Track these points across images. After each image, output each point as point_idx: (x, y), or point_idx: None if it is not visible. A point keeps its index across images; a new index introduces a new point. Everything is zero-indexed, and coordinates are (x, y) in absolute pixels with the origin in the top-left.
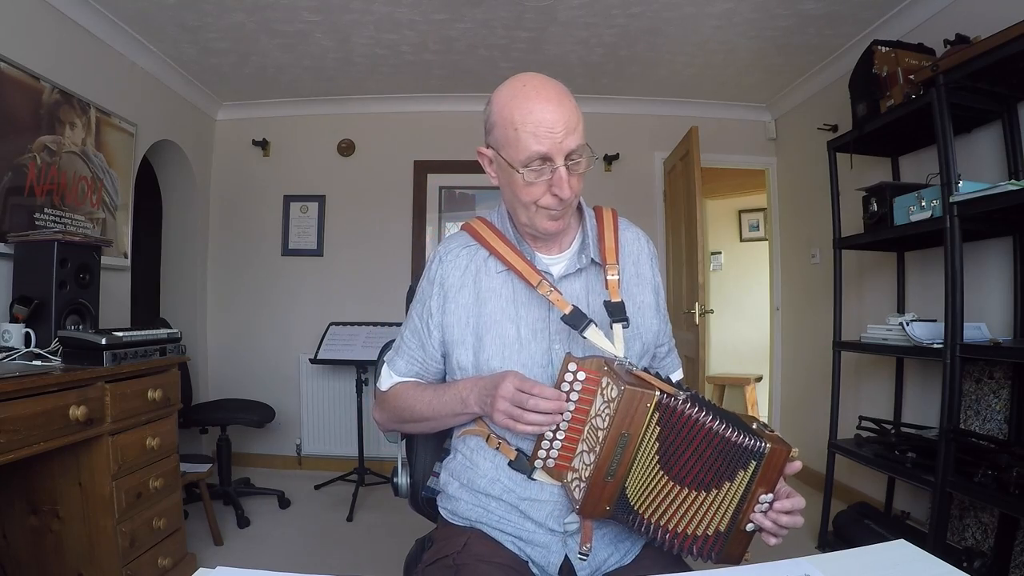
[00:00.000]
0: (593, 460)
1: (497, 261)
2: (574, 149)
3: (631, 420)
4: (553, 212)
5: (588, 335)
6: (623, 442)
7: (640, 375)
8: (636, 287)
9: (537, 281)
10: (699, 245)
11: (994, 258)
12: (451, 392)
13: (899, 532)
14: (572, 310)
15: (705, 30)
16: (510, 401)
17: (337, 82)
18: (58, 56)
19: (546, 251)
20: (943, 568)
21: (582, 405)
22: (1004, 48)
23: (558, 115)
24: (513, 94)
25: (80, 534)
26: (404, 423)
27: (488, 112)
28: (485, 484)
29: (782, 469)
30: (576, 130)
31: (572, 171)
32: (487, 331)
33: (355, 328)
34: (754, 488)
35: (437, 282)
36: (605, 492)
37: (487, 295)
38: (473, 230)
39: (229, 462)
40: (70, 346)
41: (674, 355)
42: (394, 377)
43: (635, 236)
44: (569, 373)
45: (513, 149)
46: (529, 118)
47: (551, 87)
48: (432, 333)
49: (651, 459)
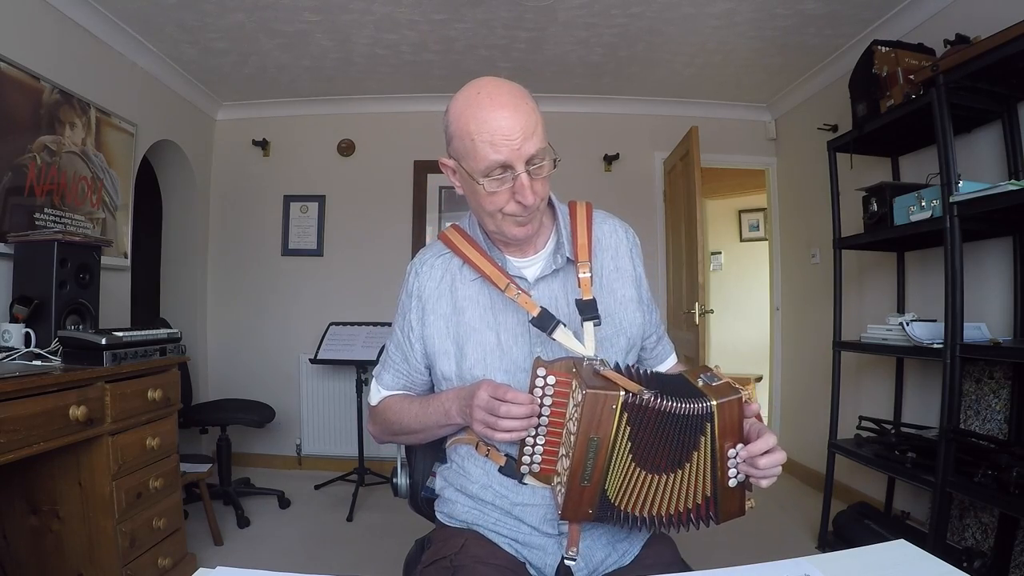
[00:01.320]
0: (569, 465)
1: (471, 268)
2: (534, 154)
3: (598, 423)
4: (519, 218)
5: (557, 336)
6: (593, 446)
7: (607, 375)
8: (616, 281)
9: (505, 285)
10: (699, 245)
11: (994, 258)
12: (435, 404)
13: (899, 532)
14: (540, 312)
15: (705, 30)
16: (485, 410)
17: (337, 82)
18: (58, 56)
19: (520, 254)
20: (943, 568)
21: (557, 408)
22: (1004, 48)
23: (514, 121)
24: (467, 103)
25: (80, 534)
26: (396, 435)
27: (446, 123)
28: (477, 490)
29: (739, 418)
30: (535, 134)
31: (534, 176)
32: (467, 340)
33: (355, 328)
34: (719, 447)
35: (415, 295)
36: (584, 496)
37: (464, 303)
38: (447, 239)
39: (229, 462)
40: (70, 346)
41: (665, 342)
42: (382, 391)
43: (612, 228)
44: (539, 378)
45: (472, 159)
46: (484, 127)
47: (505, 92)
48: (414, 346)
49: (626, 458)
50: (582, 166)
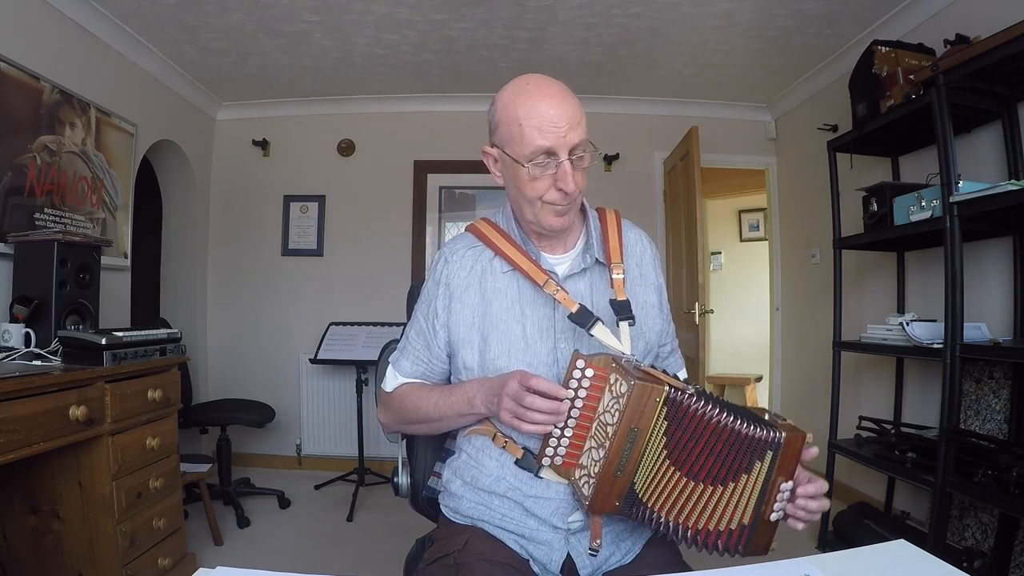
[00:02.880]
0: (603, 456)
1: (503, 261)
2: (577, 144)
3: (641, 414)
4: (558, 208)
5: (595, 332)
6: (632, 436)
7: (648, 371)
8: (640, 287)
9: (543, 280)
10: (699, 245)
11: (994, 258)
12: (458, 393)
13: (899, 532)
14: (579, 308)
15: (705, 30)
16: (515, 400)
17: (337, 82)
18: (58, 56)
19: (551, 251)
20: (943, 568)
21: (590, 402)
22: (1004, 48)
23: (561, 110)
24: (517, 91)
25: (80, 534)
26: (410, 424)
27: (492, 111)
28: (490, 483)
29: (799, 456)
30: (579, 126)
31: (576, 166)
32: (493, 331)
33: (355, 328)
34: (774, 477)
35: (443, 282)
36: (615, 487)
37: (492, 295)
38: (478, 231)
39: (229, 462)
40: (70, 346)
41: (677, 355)
42: (399, 378)
43: (638, 237)
44: (577, 370)
45: (518, 145)
46: (533, 113)
47: (554, 85)
48: (438, 333)
49: (659, 452)
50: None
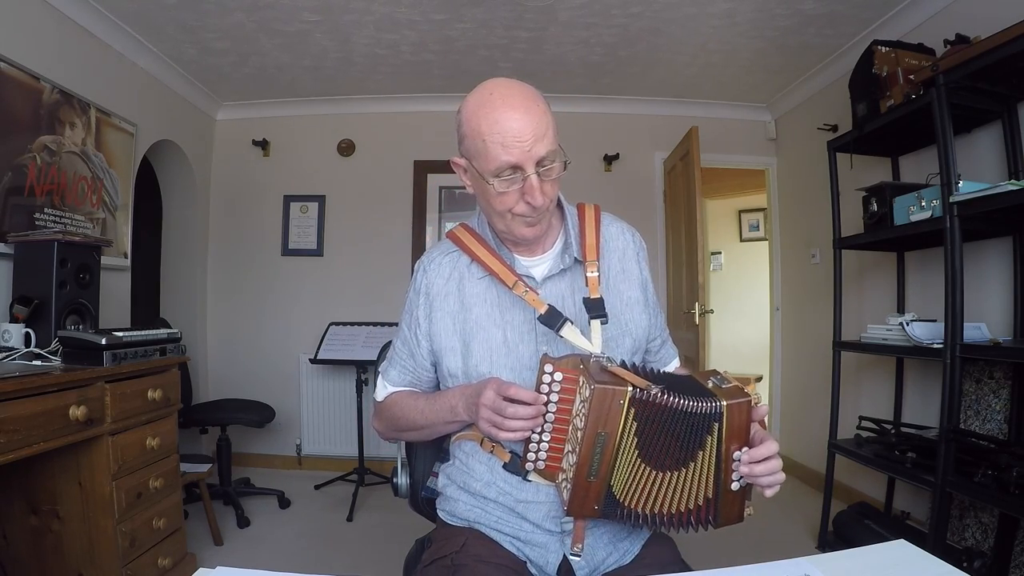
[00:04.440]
0: (575, 461)
1: (479, 266)
2: (545, 156)
3: (606, 418)
4: (528, 219)
5: (564, 333)
6: (601, 441)
7: (615, 371)
8: (622, 283)
9: (513, 282)
10: (699, 245)
11: (994, 258)
12: (441, 401)
13: (899, 532)
14: (548, 309)
15: (705, 30)
16: (491, 408)
17: (337, 82)
18: (58, 56)
19: (528, 253)
20: (943, 568)
21: (563, 405)
22: (1004, 48)
23: (525, 123)
24: (480, 103)
25: (80, 534)
26: (402, 432)
27: (458, 122)
28: (481, 487)
29: (748, 421)
30: (546, 136)
31: (544, 177)
32: (473, 337)
33: (355, 328)
34: (725, 448)
35: (422, 292)
36: (591, 492)
37: (472, 301)
38: (455, 236)
39: (229, 462)
40: (70, 346)
41: (668, 347)
42: (388, 387)
43: (620, 231)
44: (546, 375)
45: (483, 159)
46: (496, 128)
47: (517, 94)
48: (420, 342)
49: (633, 453)
50: (582, 166)
